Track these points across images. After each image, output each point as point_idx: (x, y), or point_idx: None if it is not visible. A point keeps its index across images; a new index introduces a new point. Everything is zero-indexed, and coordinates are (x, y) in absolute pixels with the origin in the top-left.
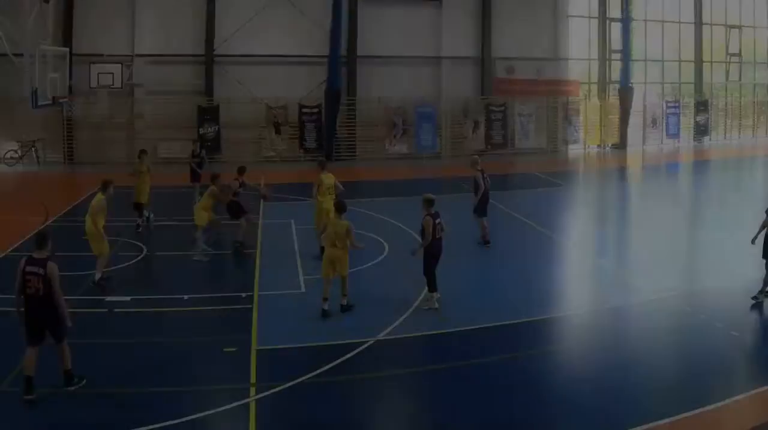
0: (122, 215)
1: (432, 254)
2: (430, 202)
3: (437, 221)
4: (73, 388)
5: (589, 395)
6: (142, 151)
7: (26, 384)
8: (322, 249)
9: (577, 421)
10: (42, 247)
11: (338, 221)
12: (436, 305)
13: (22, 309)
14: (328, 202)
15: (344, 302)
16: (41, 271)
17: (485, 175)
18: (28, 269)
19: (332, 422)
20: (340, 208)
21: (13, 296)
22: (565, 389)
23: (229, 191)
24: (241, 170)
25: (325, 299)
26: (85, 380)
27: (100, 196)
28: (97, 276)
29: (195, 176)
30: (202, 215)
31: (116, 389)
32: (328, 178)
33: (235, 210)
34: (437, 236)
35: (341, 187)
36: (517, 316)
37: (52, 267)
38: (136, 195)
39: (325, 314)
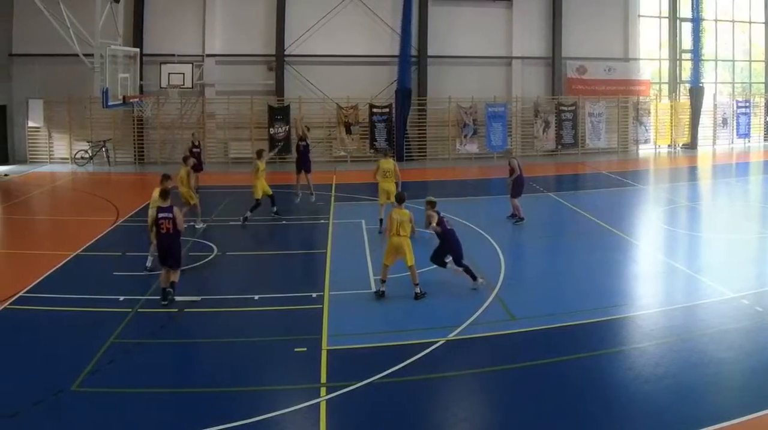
0: (193, 215)
1: (453, 246)
2: (432, 204)
3: (441, 215)
4: (166, 302)
5: (659, 394)
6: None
7: (163, 294)
8: (380, 221)
9: (647, 420)
10: (166, 198)
11: (400, 210)
12: (482, 280)
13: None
14: (385, 184)
15: (417, 290)
16: (170, 215)
17: (518, 162)
18: (161, 215)
19: (403, 422)
20: (400, 199)
21: (85, 296)
22: (636, 388)
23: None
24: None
25: (383, 281)
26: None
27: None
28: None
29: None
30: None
31: (186, 389)
32: (386, 164)
33: None
34: (449, 228)
35: (399, 175)
36: (586, 316)
37: (177, 210)
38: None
39: (378, 295)
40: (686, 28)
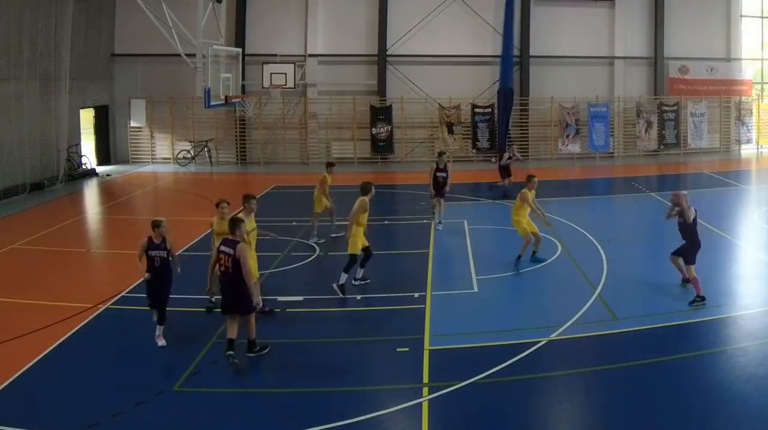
0: (295, 215)
1: None
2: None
3: None
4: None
5: (761, 394)
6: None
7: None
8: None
9: (748, 421)
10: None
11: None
12: None
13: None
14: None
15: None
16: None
17: None
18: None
19: (504, 423)
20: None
21: (187, 296)
22: (738, 388)
23: None
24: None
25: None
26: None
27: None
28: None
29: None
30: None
31: (289, 389)
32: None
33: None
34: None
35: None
36: (688, 316)
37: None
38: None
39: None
40: None
